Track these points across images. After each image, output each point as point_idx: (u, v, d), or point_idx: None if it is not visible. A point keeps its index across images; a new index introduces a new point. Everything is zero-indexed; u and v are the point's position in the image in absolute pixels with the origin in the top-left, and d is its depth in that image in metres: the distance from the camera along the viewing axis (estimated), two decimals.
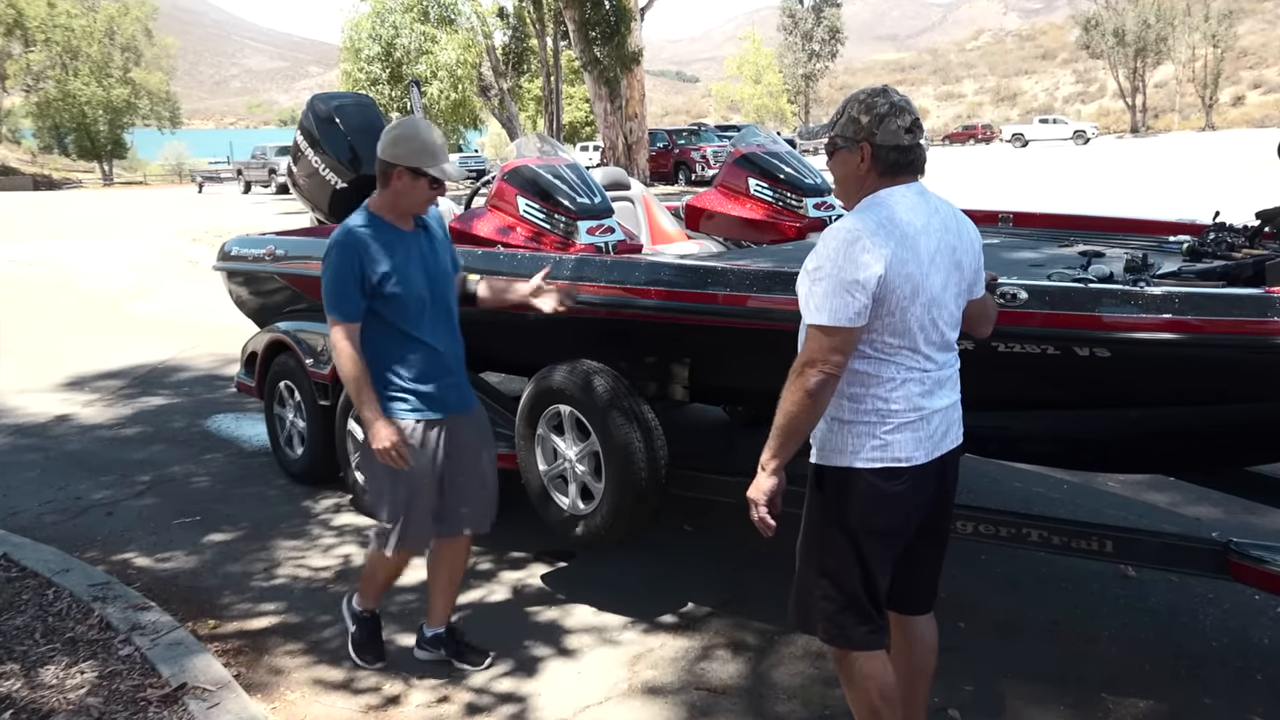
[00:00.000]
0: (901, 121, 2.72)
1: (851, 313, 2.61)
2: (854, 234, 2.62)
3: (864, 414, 2.74)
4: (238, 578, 4.94)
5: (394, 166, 3.52)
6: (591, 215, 4.94)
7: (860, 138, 2.74)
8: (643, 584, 4.72)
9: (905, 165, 2.75)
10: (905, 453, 2.75)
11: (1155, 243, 4.54)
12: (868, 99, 2.76)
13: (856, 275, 2.59)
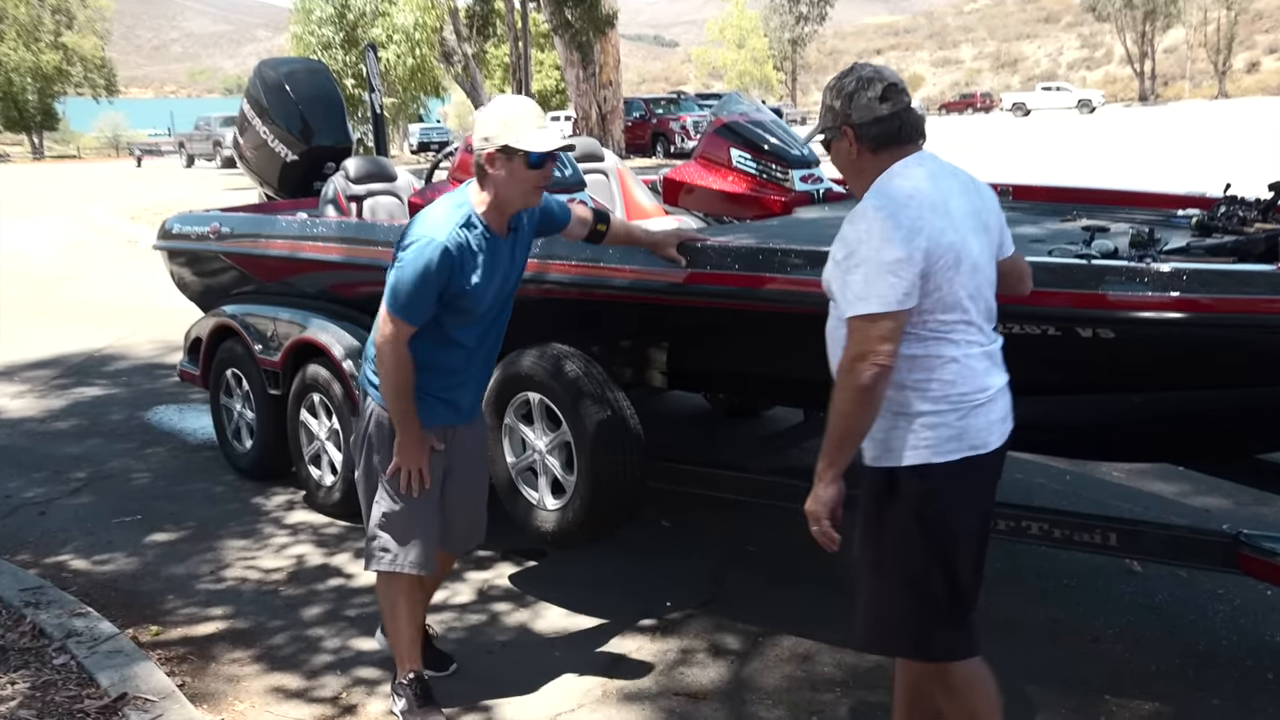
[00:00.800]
0: (872, 92, 2.73)
1: (899, 294, 2.57)
2: (884, 209, 2.61)
3: (932, 402, 2.70)
4: (182, 580, 4.92)
5: (483, 153, 3.31)
6: (563, 189, 4.93)
7: (839, 123, 2.77)
8: (618, 584, 4.74)
9: (895, 134, 2.74)
10: (982, 438, 2.73)
11: (1162, 217, 4.57)
12: (836, 82, 2.81)
13: (898, 252, 2.56)
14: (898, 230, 2.58)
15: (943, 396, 2.70)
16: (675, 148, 34.87)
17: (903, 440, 2.72)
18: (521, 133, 3.30)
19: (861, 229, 2.62)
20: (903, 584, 2.79)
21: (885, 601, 2.83)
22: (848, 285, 2.62)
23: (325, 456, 5.55)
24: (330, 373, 5.34)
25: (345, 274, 5.51)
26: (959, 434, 2.70)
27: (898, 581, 2.80)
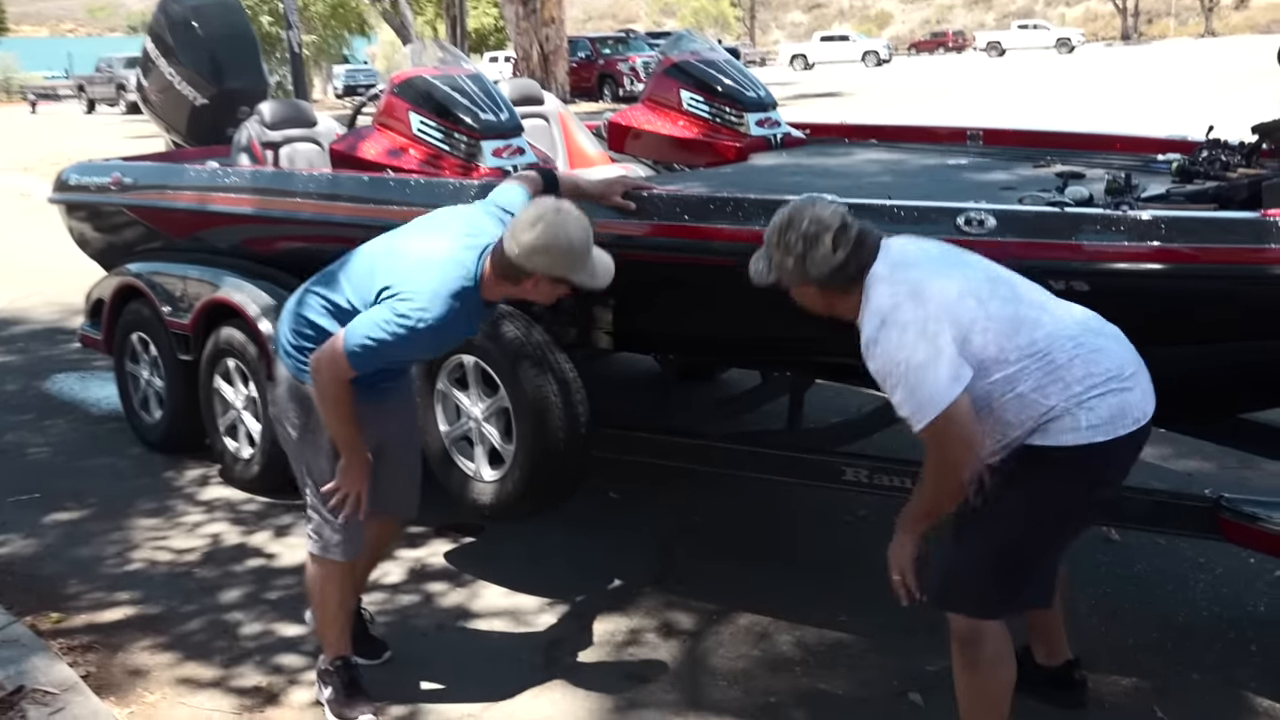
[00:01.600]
0: (823, 248, 2.86)
1: (946, 381, 2.72)
2: (885, 326, 2.78)
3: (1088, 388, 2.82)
4: (86, 563, 4.88)
5: (531, 274, 3.26)
6: (498, 134, 4.91)
7: (798, 282, 2.95)
8: (561, 560, 4.75)
9: (859, 271, 2.88)
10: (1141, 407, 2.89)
11: (1141, 162, 4.62)
12: (778, 238, 2.93)
13: (923, 348, 2.73)
14: (906, 334, 2.75)
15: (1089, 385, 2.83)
16: (624, 91, 34.73)
17: (1063, 425, 2.83)
18: (577, 269, 3.28)
19: (879, 355, 2.79)
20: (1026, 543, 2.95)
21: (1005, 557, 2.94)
22: (902, 406, 2.78)
23: (242, 427, 5.50)
24: (246, 336, 5.29)
25: (261, 228, 5.45)
26: (1123, 409, 2.85)
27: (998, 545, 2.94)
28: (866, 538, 4.80)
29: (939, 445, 2.79)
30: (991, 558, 2.94)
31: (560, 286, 3.33)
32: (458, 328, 3.36)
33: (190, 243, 5.96)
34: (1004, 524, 2.92)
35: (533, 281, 3.28)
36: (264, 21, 29.83)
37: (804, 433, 5.05)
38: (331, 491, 3.50)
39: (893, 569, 3.00)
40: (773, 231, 2.97)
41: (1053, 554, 3.08)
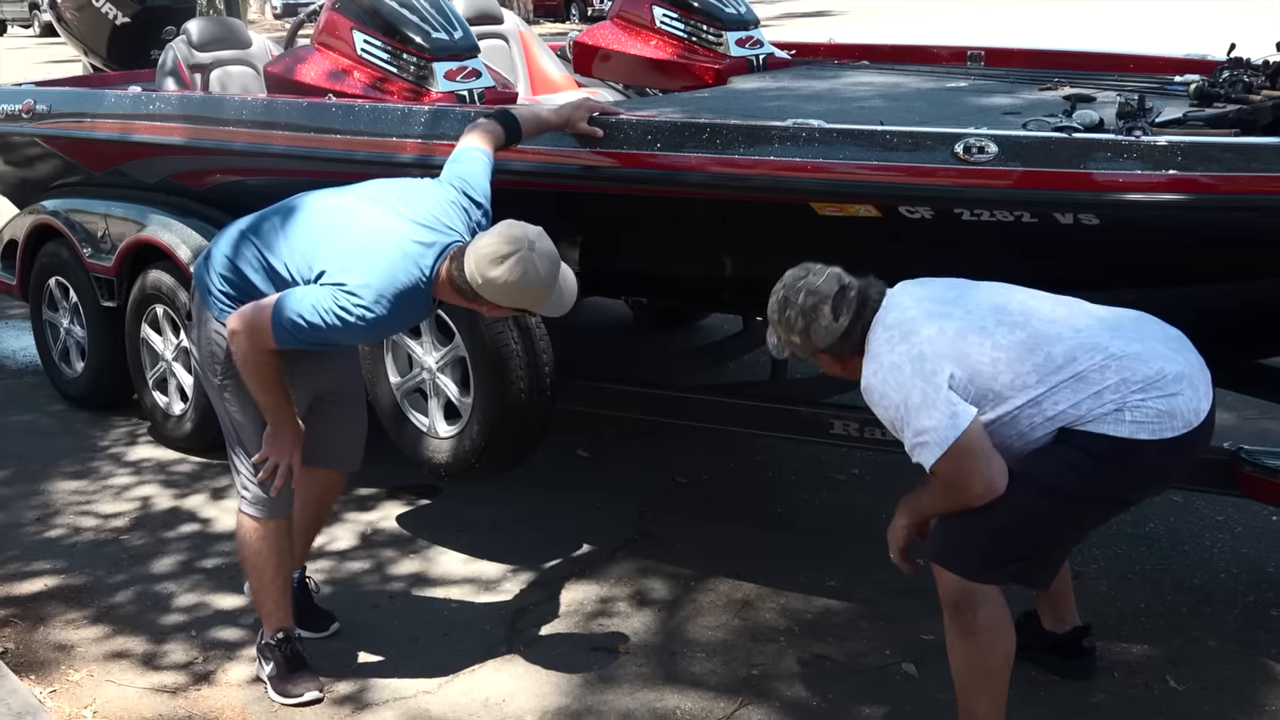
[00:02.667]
0: (823, 319, 3.03)
1: (947, 416, 2.83)
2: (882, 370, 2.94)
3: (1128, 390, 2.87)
4: (1, 531, 4.87)
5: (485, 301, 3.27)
6: (451, 55, 4.85)
7: (808, 353, 3.14)
8: (525, 524, 4.76)
9: (865, 330, 3.03)
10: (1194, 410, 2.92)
11: (1156, 83, 4.61)
12: (779, 316, 3.11)
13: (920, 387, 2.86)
14: (901, 374, 2.89)
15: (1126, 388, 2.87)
16: (593, 10, 34.40)
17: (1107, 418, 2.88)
18: (544, 305, 3.34)
19: (878, 400, 2.96)
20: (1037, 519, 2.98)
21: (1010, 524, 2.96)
22: (909, 444, 2.91)
23: (173, 380, 5.48)
24: (176, 279, 5.25)
25: (190, 160, 5.38)
26: (1171, 412, 2.88)
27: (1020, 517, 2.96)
28: (859, 497, 4.83)
29: (953, 480, 2.91)
30: (998, 520, 2.95)
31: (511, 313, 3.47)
32: (401, 322, 3.42)
33: (112, 177, 5.89)
34: (1021, 490, 2.93)
35: (490, 305, 3.30)
36: None
37: (789, 383, 5.07)
38: (260, 461, 3.51)
39: (892, 548, 3.14)
40: (773, 311, 3.14)
41: (1063, 540, 3.12)
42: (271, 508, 3.60)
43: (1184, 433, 2.89)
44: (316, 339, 3.26)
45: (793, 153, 3.62)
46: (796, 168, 3.61)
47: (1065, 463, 2.92)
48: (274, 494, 3.54)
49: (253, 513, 3.61)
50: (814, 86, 5.21)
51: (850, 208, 3.62)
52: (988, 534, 2.97)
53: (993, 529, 2.96)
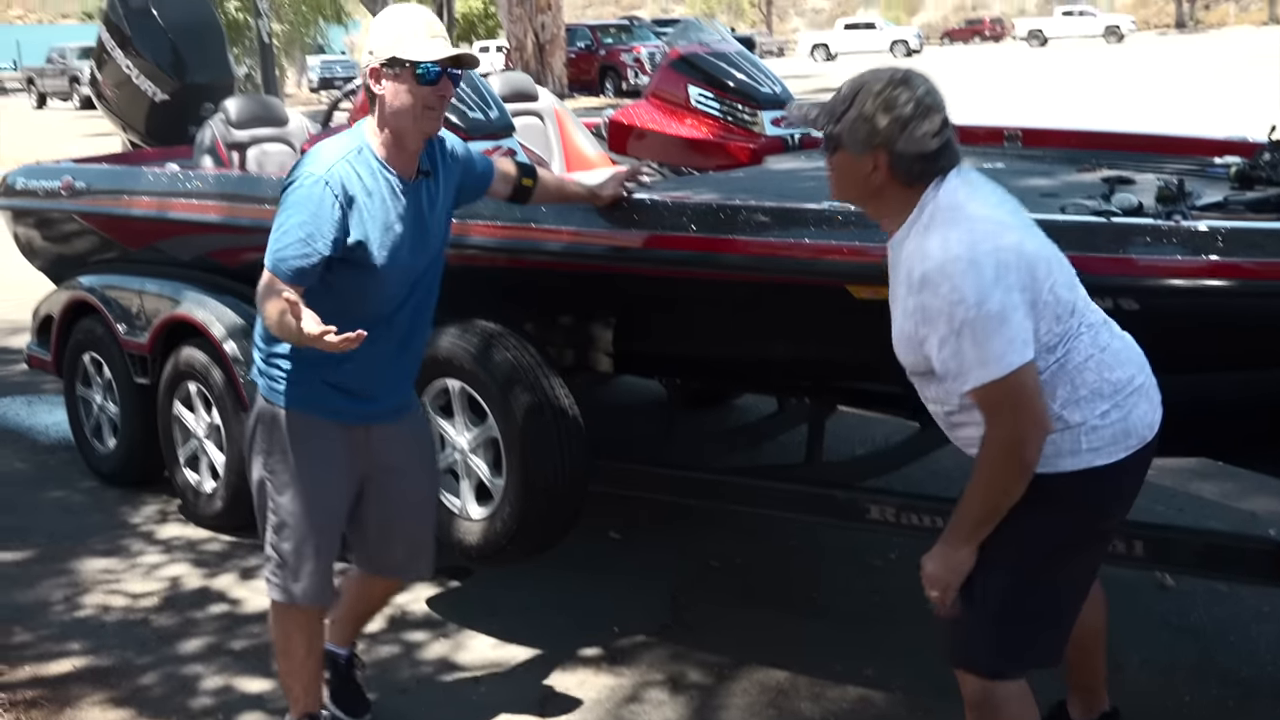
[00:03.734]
0: (930, 125, 2.71)
1: (1020, 343, 2.63)
2: (957, 260, 2.63)
3: (1090, 404, 2.79)
4: (31, 609, 4.88)
5: (368, 69, 3.29)
6: (486, 134, 4.91)
7: (875, 143, 2.73)
8: (557, 608, 4.74)
9: (935, 172, 2.76)
10: (1145, 423, 2.87)
11: (1197, 166, 4.61)
12: (886, 93, 2.72)
13: (996, 296, 2.61)
14: (984, 272, 2.61)
15: (1098, 396, 2.80)
16: (628, 84, 34.84)
17: (1061, 448, 2.79)
18: (409, 43, 3.25)
19: (945, 291, 2.63)
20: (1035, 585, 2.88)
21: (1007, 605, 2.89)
22: (957, 359, 2.66)
23: (204, 458, 5.50)
24: (209, 357, 5.30)
25: (225, 238, 5.45)
26: (1126, 431, 2.82)
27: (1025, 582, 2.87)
28: (897, 582, 4.78)
29: (1001, 416, 2.67)
30: (993, 608, 2.87)
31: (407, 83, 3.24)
32: (360, 192, 3.25)
33: (148, 254, 5.97)
34: (1000, 568, 2.85)
35: (376, 81, 3.28)
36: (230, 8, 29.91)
37: (825, 466, 5.04)
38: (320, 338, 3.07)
39: (933, 585, 2.88)
40: (875, 81, 2.75)
41: (1062, 601, 2.99)
42: (306, 594, 3.56)
43: (1139, 448, 2.85)
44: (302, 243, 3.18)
45: (828, 235, 3.64)
46: (832, 250, 3.63)
47: (1032, 521, 2.81)
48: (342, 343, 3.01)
49: (282, 599, 3.59)
50: None
51: (887, 291, 3.61)
52: (987, 625, 2.89)
53: (990, 618, 2.88)
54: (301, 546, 3.52)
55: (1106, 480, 2.82)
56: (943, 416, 2.93)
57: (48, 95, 42.42)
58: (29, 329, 6.77)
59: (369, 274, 3.32)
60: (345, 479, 3.54)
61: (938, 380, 2.80)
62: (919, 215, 2.76)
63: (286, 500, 3.50)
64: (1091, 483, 2.80)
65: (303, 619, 3.62)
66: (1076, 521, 2.87)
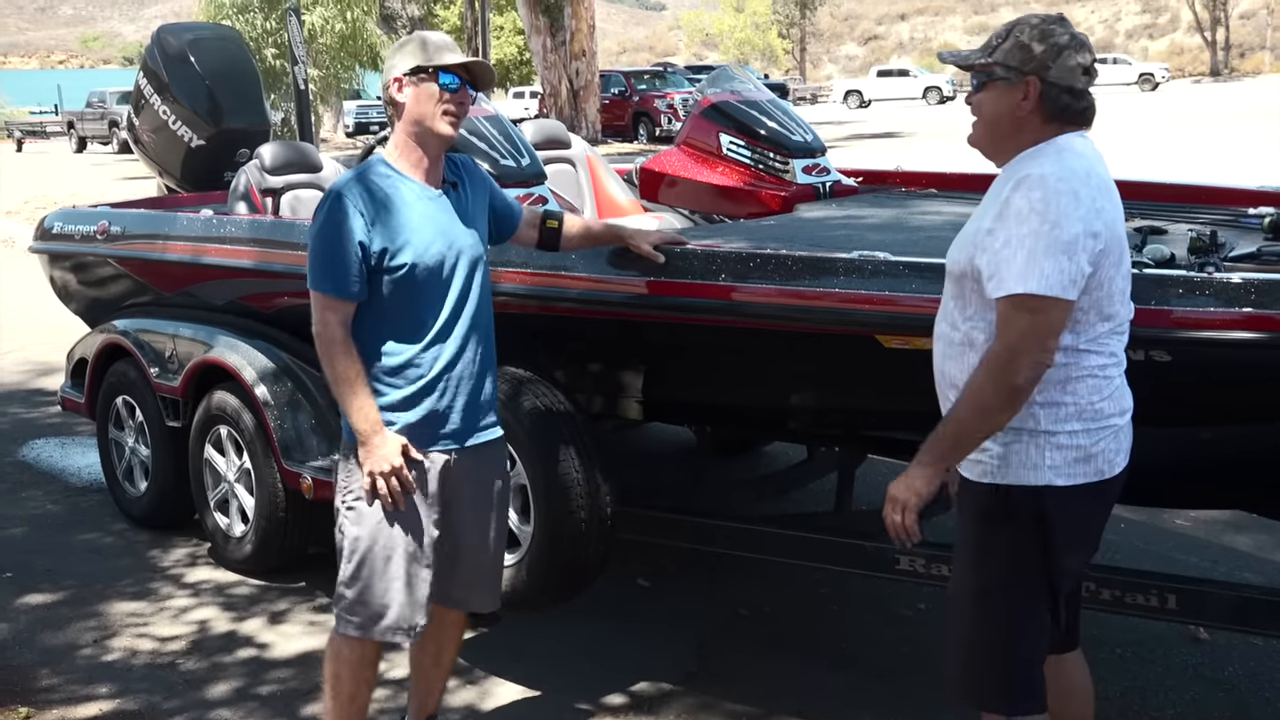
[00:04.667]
0: (1082, 59, 2.79)
1: (1068, 279, 2.63)
2: (1065, 180, 2.68)
3: (1065, 420, 2.79)
4: (60, 652, 4.89)
5: (390, 80, 3.45)
6: (519, 181, 4.94)
7: (1029, 69, 2.79)
8: (584, 655, 4.72)
9: (1077, 114, 2.83)
10: (1108, 459, 2.85)
11: (1230, 216, 4.59)
12: (1043, 25, 2.82)
13: (1075, 229, 2.64)
14: (1079, 206, 2.65)
15: (1077, 414, 2.79)
16: (661, 130, 34.97)
17: (1024, 457, 2.80)
18: (431, 54, 3.43)
19: (1036, 198, 2.66)
20: (1009, 618, 2.87)
21: (981, 641, 2.90)
22: (1009, 260, 2.67)
23: (234, 501, 5.52)
24: (241, 401, 5.32)
25: (259, 283, 5.49)
26: (1088, 456, 2.80)
27: (1004, 615, 2.87)
28: (926, 633, 4.75)
29: (1011, 331, 2.67)
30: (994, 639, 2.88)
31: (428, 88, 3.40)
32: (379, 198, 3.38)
33: (182, 298, 6.02)
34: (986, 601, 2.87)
35: (398, 89, 3.42)
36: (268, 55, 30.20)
37: (854, 515, 5.01)
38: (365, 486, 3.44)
39: (894, 506, 2.86)
40: (1034, 18, 2.85)
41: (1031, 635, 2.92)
42: (362, 625, 3.53)
43: (1098, 480, 2.83)
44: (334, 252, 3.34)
45: (858, 285, 3.64)
46: (862, 300, 3.63)
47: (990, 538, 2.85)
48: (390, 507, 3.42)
49: (343, 630, 3.57)
50: (881, 215, 5.24)
51: (916, 340, 3.61)
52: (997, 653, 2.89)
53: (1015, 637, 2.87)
54: (375, 580, 3.50)
55: (1064, 503, 2.81)
56: (946, 344, 2.92)
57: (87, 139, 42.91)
58: (63, 371, 6.82)
59: (407, 282, 3.39)
60: (423, 509, 3.50)
61: (969, 291, 2.82)
62: (1040, 147, 2.81)
63: (360, 531, 3.50)
64: (1049, 500, 2.80)
65: (355, 659, 3.59)
66: (1037, 541, 2.83)
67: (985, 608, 2.90)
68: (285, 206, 6.10)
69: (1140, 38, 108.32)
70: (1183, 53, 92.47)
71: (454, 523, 3.59)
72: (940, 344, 2.95)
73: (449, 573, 3.63)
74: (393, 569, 3.49)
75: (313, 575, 5.38)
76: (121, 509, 6.36)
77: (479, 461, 3.61)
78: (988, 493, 2.86)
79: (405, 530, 3.48)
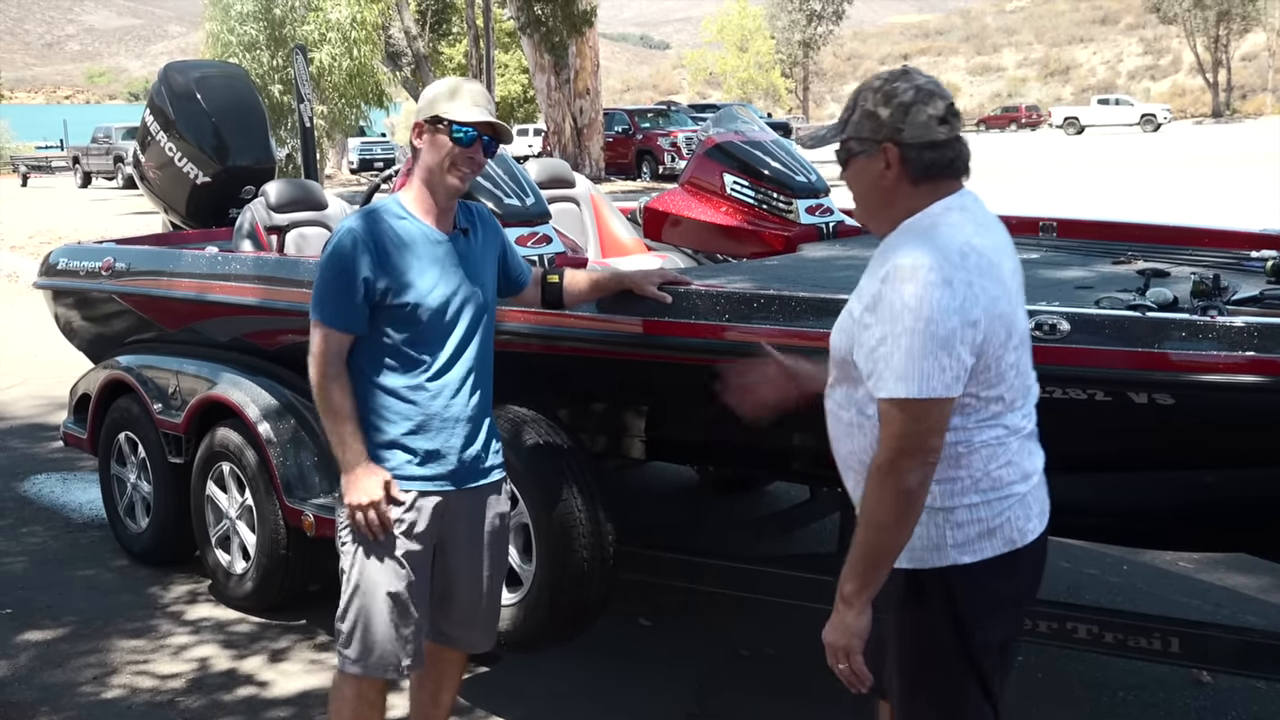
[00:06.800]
0: (933, 109, 2.65)
1: (951, 377, 2.52)
2: (935, 270, 2.52)
3: (961, 494, 2.69)
4: (59, 689, 4.87)
5: (414, 125, 3.51)
6: (522, 221, 4.95)
7: (881, 136, 2.66)
8: (584, 694, 4.71)
9: (945, 166, 2.69)
10: (1019, 530, 2.73)
11: (1233, 259, 4.61)
12: (884, 86, 2.69)
13: (951, 324, 2.50)
14: (953, 296, 2.51)
15: (973, 488, 2.68)
16: (664, 168, 35.07)
17: (926, 540, 2.70)
18: (453, 105, 3.45)
19: (908, 293, 2.52)
20: (935, 704, 2.79)
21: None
22: (887, 359, 2.55)
23: (235, 539, 5.51)
24: (243, 438, 5.32)
25: (263, 320, 5.50)
26: (990, 531, 2.69)
27: (929, 703, 2.79)
28: None
29: (894, 437, 2.55)
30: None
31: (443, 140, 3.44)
32: (389, 238, 3.43)
33: (186, 335, 6.03)
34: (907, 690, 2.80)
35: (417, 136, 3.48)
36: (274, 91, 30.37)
37: None
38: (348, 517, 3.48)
39: (834, 655, 2.75)
40: (875, 80, 2.73)
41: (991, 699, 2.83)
42: (353, 660, 3.52)
43: (1006, 553, 2.71)
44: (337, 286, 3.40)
45: None
46: None
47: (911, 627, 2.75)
48: (368, 536, 3.45)
49: (345, 668, 3.56)
50: None
51: None
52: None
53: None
54: (375, 619, 3.50)
55: (972, 579, 2.70)
56: (836, 421, 2.83)
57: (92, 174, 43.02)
58: (66, 406, 6.82)
59: (409, 322, 3.43)
60: (413, 547, 3.50)
61: (851, 378, 2.72)
62: (913, 220, 2.68)
63: (361, 573, 3.50)
64: (955, 579, 2.69)
65: (354, 697, 3.58)
66: (949, 621, 2.72)
67: (915, 697, 2.82)
68: (290, 244, 6.11)
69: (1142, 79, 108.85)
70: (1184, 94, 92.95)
71: (448, 562, 3.59)
72: (831, 420, 2.86)
73: (443, 611, 3.64)
74: (378, 605, 3.49)
75: (314, 613, 5.37)
76: (123, 545, 6.35)
77: (475, 503, 3.62)
78: (895, 579, 2.72)
79: (392, 568, 3.48)
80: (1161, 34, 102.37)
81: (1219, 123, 71.78)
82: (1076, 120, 65.69)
